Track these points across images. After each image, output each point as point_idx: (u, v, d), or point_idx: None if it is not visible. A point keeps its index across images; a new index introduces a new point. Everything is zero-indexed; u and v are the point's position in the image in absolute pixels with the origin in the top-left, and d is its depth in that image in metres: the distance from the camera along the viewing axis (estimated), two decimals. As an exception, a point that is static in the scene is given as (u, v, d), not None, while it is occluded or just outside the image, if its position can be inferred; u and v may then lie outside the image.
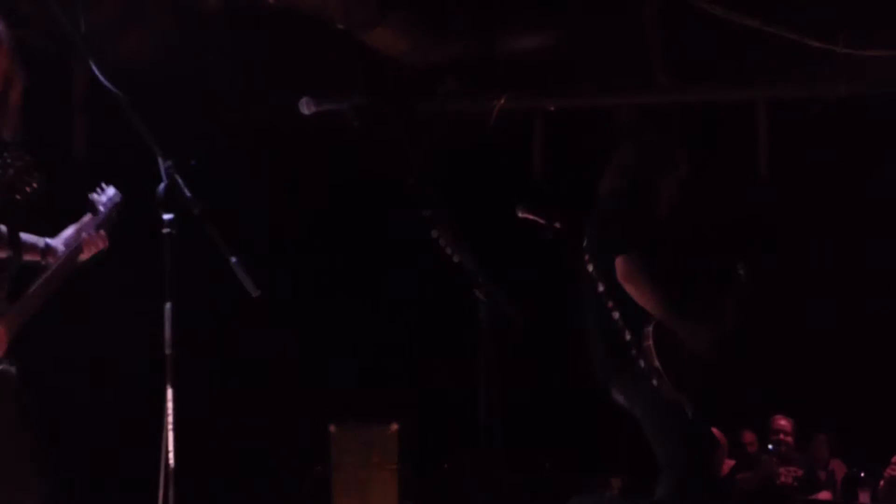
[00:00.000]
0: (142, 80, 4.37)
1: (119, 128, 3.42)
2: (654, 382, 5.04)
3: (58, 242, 4.15)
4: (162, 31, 6.37)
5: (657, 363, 5.03)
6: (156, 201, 3.17)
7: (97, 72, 3.30)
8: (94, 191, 4.27)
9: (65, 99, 6.78)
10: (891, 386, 8.30)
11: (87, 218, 4.21)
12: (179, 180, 3.13)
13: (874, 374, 8.48)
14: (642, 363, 5.07)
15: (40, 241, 4.10)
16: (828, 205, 8.39)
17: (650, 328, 5.09)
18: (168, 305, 3.15)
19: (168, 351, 3.18)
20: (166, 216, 3.15)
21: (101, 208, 4.21)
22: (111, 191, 4.28)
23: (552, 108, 7.89)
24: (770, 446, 8.53)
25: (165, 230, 3.15)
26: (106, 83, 3.28)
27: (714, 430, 8.40)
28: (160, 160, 3.17)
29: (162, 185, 3.16)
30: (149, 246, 3.28)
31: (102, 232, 4.14)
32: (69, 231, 4.21)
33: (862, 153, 8.05)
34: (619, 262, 5.13)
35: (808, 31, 6.77)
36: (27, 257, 4.01)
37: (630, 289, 5.11)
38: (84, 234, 4.10)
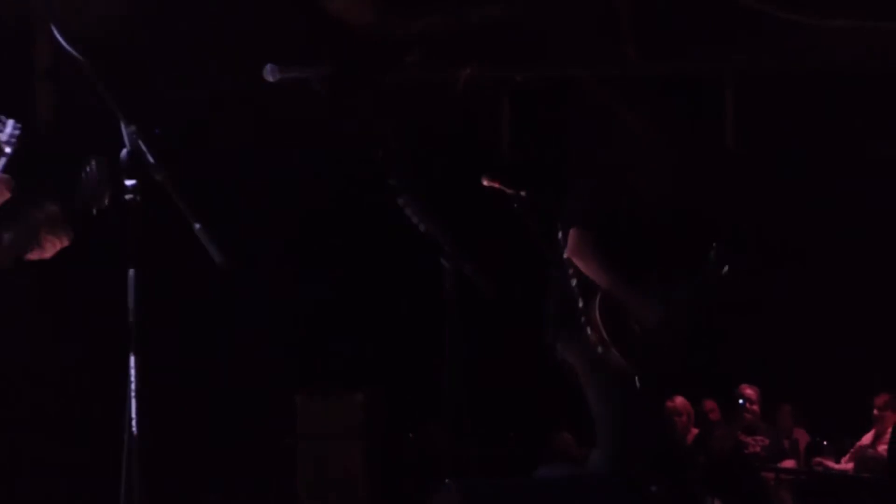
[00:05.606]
0: (104, 48, 4.32)
1: (82, 95, 3.39)
2: (600, 350, 5.18)
3: None
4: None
5: (603, 333, 5.17)
6: (119, 167, 3.14)
7: (60, 38, 3.25)
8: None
9: (27, 68, 6.71)
10: (852, 356, 8.38)
11: None
12: (143, 146, 3.10)
13: (835, 345, 8.55)
14: (589, 331, 5.19)
15: None
16: (796, 176, 8.43)
17: (598, 298, 5.20)
18: (131, 272, 3.13)
19: (131, 318, 3.15)
20: (129, 182, 3.12)
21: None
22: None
23: (519, 79, 7.89)
24: (741, 401, 8.59)
25: (128, 196, 3.12)
26: (69, 49, 3.23)
27: (681, 399, 8.50)
28: (123, 126, 3.14)
29: (125, 151, 3.13)
30: (112, 212, 3.25)
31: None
32: None
33: (830, 126, 8.10)
34: (570, 235, 5.26)
35: (776, 2, 6.78)
36: None
37: (578, 262, 5.26)
38: None
